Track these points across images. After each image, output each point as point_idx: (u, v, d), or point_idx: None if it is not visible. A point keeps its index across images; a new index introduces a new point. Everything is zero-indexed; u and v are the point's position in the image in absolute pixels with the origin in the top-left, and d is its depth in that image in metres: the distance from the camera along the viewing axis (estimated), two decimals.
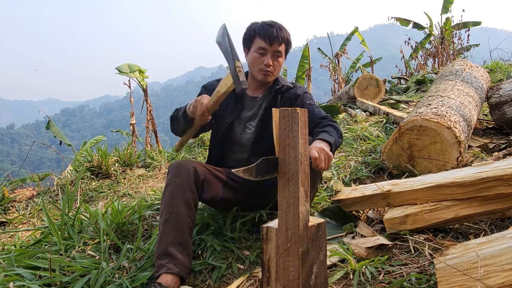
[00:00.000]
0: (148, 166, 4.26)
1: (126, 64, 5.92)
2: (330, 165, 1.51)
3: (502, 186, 1.52)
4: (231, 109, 2.00)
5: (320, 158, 1.44)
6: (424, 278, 1.33)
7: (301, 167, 1.15)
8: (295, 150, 1.15)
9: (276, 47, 1.86)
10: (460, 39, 9.37)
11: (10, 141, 65.36)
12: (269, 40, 1.84)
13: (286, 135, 1.17)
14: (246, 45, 1.94)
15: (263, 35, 1.84)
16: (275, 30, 1.85)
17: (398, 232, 1.68)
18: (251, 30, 1.90)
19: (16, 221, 3.03)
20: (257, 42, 1.87)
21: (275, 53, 1.88)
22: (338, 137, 1.75)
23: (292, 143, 1.16)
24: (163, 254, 1.53)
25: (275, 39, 1.84)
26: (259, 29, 1.87)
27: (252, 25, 1.92)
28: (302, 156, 1.16)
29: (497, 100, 3.14)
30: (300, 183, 1.14)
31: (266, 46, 1.85)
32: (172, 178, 1.66)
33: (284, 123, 1.17)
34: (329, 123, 1.81)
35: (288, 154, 1.17)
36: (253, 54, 1.89)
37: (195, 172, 1.69)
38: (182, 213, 1.60)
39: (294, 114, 1.16)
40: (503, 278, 1.06)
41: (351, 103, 5.90)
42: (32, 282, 1.56)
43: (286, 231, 1.16)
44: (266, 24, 1.87)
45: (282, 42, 1.87)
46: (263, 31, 1.85)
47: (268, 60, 1.87)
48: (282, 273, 1.17)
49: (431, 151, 2.41)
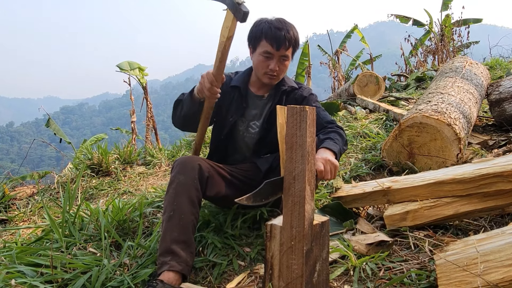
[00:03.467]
0: (148, 163, 4.26)
1: (127, 61, 5.92)
2: (336, 175, 1.51)
3: (502, 183, 1.52)
4: (235, 107, 1.96)
5: (326, 169, 1.44)
6: (424, 274, 1.33)
7: (308, 165, 1.14)
8: (303, 149, 1.14)
9: (283, 52, 1.78)
10: (460, 36, 9.37)
11: (9, 139, 65.33)
12: (276, 45, 1.74)
13: (294, 133, 1.16)
14: (252, 45, 1.85)
15: (270, 38, 1.74)
16: (283, 33, 1.74)
17: (398, 228, 1.69)
18: (258, 30, 1.80)
19: (17, 219, 3.03)
20: (264, 45, 1.77)
21: (281, 57, 1.80)
22: (343, 145, 1.74)
23: (299, 141, 1.15)
24: (166, 251, 1.53)
25: (282, 44, 1.75)
26: (266, 31, 1.76)
27: (260, 23, 1.81)
28: (309, 155, 1.15)
29: (497, 97, 3.14)
30: (306, 181, 1.14)
31: (273, 51, 1.76)
32: (177, 175, 1.63)
33: (292, 121, 1.16)
34: (335, 130, 1.80)
35: (295, 153, 1.15)
36: (259, 57, 1.81)
37: (200, 169, 1.66)
38: (186, 210, 1.58)
39: (303, 112, 1.14)
40: (503, 274, 1.06)
41: (351, 100, 5.90)
42: (33, 279, 1.56)
43: (290, 229, 1.15)
44: (274, 27, 1.75)
45: (289, 46, 1.78)
46: (270, 34, 1.75)
47: (274, 65, 1.79)
48: (285, 271, 1.17)
49: (431, 148, 2.42)
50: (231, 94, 1.97)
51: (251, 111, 1.98)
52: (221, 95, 1.96)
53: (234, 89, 1.97)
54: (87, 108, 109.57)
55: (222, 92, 1.96)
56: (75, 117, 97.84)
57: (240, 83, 1.96)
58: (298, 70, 8.46)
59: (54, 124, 5.84)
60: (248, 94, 1.98)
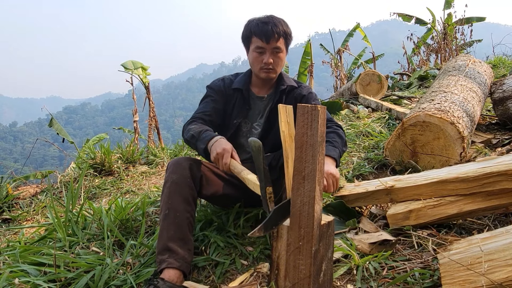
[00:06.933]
0: (150, 163, 4.27)
1: (130, 60, 5.94)
2: (337, 187, 1.51)
3: (505, 181, 1.52)
4: (238, 110, 1.97)
5: (328, 183, 1.46)
6: (428, 273, 1.33)
7: (318, 166, 1.12)
8: (313, 149, 1.12)
9: (274, 44, 1.81)
10: (463, 35, 9.32)
11: (13, 139, 65.59)
12: (265, 39, 1.79)
13: (304, 132, 1.13)
14: (245, 45, 1.91)
15: (259, 34, 1.80)
16: (270, 27, 1.79)
17: (401, 227, 1.68)
18: (247, 29, 1.86)
19: (20, 218, 3.05)
20: (254, 41, 1.83)
21: (274, 50, 1.83)
22: (342, 146, 1.76)
23: (310, 141, 1.12)
24: (164, 249, 1.55)
25: (271, 37, 1.79)
26: (254, 28, 1.82)
27: (249, 23, 1.87)
28: (319, 155, 1.13)
29: (500, 95, 3.12)
30: (316, 182, 1.12)
31: (263, 45, 1.81)
32: (170, 175, 1.67)
33: (303, 120, 1.13)
34: (333, 130, 1.81)
35: (305, 152, 1.13)
36: (252, 54, 1.86)
37: (191, 168, 1.69)
38: (181, 208, 1.61)
39: (314, 112, 1.11)
40: (507, 273, 1.06)
41: (354, 99, 5.88)
42: (37, 278, 1.57)
43: (298, 229, 1.14)
44: (261, 22, 1.82)
45: (279, 37, 1.82)
46: (258, 30, 1.81)
47: (267, 58, 1.83)
48: (292, 271, 1.16)
49: (434, 147, 2.41)
50: (233, 96, 1.98)
51: (254, 112, 1.99)
52: (225, 97, 1.97)
53: (236, 92, 1.98)
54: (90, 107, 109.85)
55: (225, 95, 1.98)
56: (77, 116, 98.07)
57: (242, 85, 1.97)
58: (300, 69, 8.45)
59: (57, 123, 5.86)
60: (250, 95, 1.99)
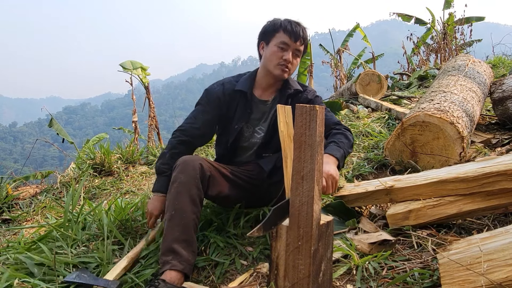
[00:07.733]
0: (150, 163, 4.27)
1: (129, 61, 5.94)
2: (336, 188, 1.51)
3: (505, 181, 1.52)
4: (240, 114, 1.94)
5: (327, 184, 1.46)
6: (427, 273, 1.33)
7: (316, 165, 1.12)
8: (312, 149, 1.12)
9: (298, 46, 1.84)
10: (462, 35, 9.31)
11: (12, 139, 65.56)
12: (294, 37, 1.81)
13: (303, 132, 1.14)
14: (265, 39, 1.89)
15: (289, 31, 1.81)
16: (301, 29, 1.83)
17: (401, 227, 1.68)
18: (275, 23, 1.85)
19: (20, 218, 3.04)
20: (281, 36, 1.82)
21: (295, 51, 1.85)
22: (348, 147, 1.75)
23: (309, 141, 1.13)
24: (168, 250, 1.53)
25: (299, 38, 1.82)
26: (285, 24, 1.83)
27: (277, 19, 1.88)
28: (318, 155, 1.13)
29: (500, 95, 3.12)
30: (315, 181, 1.12)
31: (290, 42, 1.81)
32: (178, 174, 1.65)
33: (301, 120, 1.14)
34: (341, 131, 1.80)
35: (303, 152, 1.14)
36: (273, 48, 1.84)
37: (201, 169, 1.67)
38: (187, 210, 1.59)
39: (313, 112, 1.12)
40: (507, 273, 1.06)
41: (353, 99, 5.88)
42: (36, 279, 1.57)
43: (297, 229, 1.15)
44: (293, 21, 1.85)
45: (303, 43, 1.86)
46: (290, 27, 1.81)
47: (289, 55, 1.82)
48: (291, 271, 1.16)
49: (434, 147, 2.41)
50: (235, 100, 1.95)
51: (255, 117, 1.97)
52: (223, 104, 1.93)
53: (237, 94, 1.94)
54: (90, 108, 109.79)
55: (224, 101, 1.93)
56: (77, 117, 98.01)
57: (245, 88, 1.93)
58: (300, 69, 8.44)
59: (56, 124, 5.86)
60: (252, 99, 1.96)
